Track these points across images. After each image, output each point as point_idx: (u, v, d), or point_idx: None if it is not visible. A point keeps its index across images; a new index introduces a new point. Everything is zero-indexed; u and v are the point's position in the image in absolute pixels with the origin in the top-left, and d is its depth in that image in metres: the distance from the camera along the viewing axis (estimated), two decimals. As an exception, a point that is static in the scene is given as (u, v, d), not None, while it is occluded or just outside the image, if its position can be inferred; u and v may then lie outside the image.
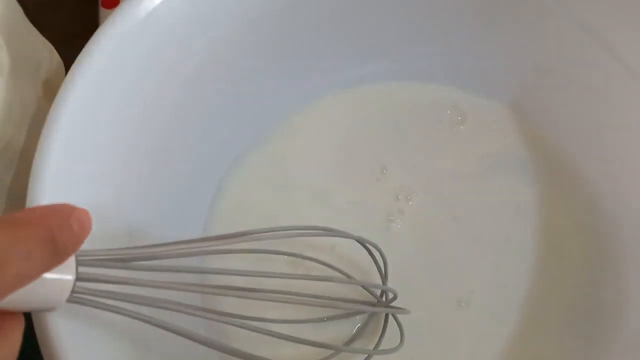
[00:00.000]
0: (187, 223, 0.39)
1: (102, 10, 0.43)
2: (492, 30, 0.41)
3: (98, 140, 0.32)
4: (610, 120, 0.40)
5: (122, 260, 0.25)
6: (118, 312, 0.25)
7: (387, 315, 0.36)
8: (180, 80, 0.36)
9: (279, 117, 0.43)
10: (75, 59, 0.31)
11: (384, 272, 0.36)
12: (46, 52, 0.36)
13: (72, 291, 0.23)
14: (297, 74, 0.42)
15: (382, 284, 0.36)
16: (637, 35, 0.37)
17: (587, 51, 0.39)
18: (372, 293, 0.36)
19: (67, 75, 0.30)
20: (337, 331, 0.37)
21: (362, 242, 0.35)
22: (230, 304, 0.34)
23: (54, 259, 0.20)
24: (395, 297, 0.35)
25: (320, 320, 0.36)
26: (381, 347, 0.35)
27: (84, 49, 0.31)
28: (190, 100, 0.37)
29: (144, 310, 0.26)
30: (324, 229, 0.33)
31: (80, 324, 0.27)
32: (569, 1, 0.38)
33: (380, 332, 0.35)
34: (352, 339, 0.36)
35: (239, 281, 0.32)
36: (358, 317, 0.37)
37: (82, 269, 0.23)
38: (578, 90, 0.41)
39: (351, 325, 0.37)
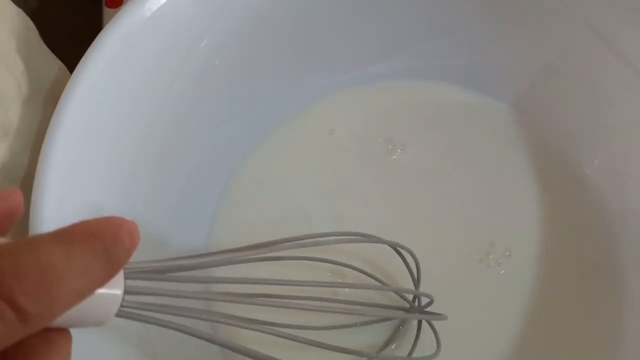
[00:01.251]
0: (192, 225, 0.39)
1: (106, 10, 0.43)
2: (498, 31, 0.41)
3: (101, 144, 0.31)
4: (615, 122, 0.39)
5: (165, 271, 0.24)
6: (164, 326, 0.24)
7: (420, 321, 0.35)
8: (185, 80, 0.35)
9: (283, 115, 0.42)
10: (78, 56, 0.31)
11: (416, 277, 0.35)
12: (58, 71, 0.35)
13: (121, 305, 0.22)
14: (301, 73, 0.41)
15: (414, 286, 0.36)
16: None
17: (594, 52, 0.38)
18: (404, 299, 0.35)
19: (71, 78, 0.30)
20: (369, 338, 0.36)
21: (395, 247, 0.34)
22: (258, 310, 0.34)
23: (109, 274, 0.20)
24: (431, 302, 0.34)
25: (353, 325, 0.36)
26: (416, 355, 0.34)
27: (87, 52, 0.30)
28: (196, 100, 0.36)
29: (184, 322, 0.25)
30: (360, 234, 0.33)
31: (87, 331, 0.27)
32: (576, 2, 0.38)
33: (414, 339, 0.35)
34: (385, 346, 0.36)
35: (267, 288, 0.31)
36: (391, 323, 0.36)
37: (129, 282, 0.22)
38: (583, 91, 0.40)
39: (384, 332, 0.36)
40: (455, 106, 0.43)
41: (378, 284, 0.35)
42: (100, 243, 0.19)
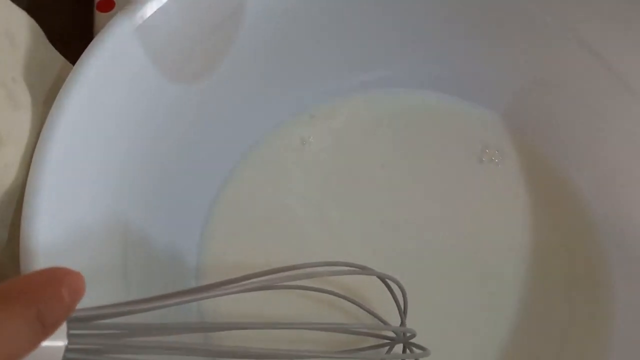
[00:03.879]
0: (183, 237, 0.39)
1: (97, 14, 0.42)
2: (489, 42, 0.41)
3: (95, 149, 0.31)
4: (603, 134, 0.39)
5: (116, 315, 0.24)
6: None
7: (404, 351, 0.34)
8: (178, 87, 0.35)
9: (275, 125, 0.42)
10: (71, 60, 0.31)
11: (403, 308, 0.34)
12: (60, 70, 0.35)
13: (64, 357, 0.21)
14: (293, 82, 0.41)
15: (400, 317, 0.34)
16: (633, 51, 0.36)
17: (583, 65, 0.38)
18: (386, 336, 0.34)
19: (62, 88, 0.30)
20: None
21: (383, 278, 0.33)
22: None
23: (42, 336, 0.19)
24: (413, 336, 0.33)
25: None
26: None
27: (77, 63, 0.30)
28: (187, 107, 0.36)
29: None
30: (349, 264, 0.32)
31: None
32: (566, 16, 0.37)
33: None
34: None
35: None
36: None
37: (73, 331, 0.22)
38: (572, 103, 0.40)
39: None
40: (446, 114, 0.43)
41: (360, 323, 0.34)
42: (32, 305, 0.18)
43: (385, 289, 0.34)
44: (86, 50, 0.31)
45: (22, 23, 0.31)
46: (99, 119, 0.31)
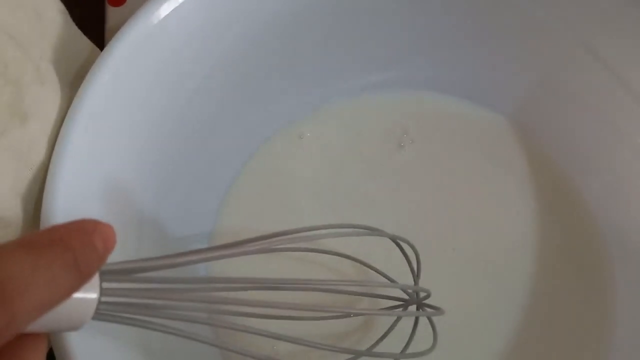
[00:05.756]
0: (198, 214, 0.39)
1: (109, 8, 0.41)
2: (496, 45, 0.41)
3: (114, 139, 0.32)
4: (609, 140, 0.39)
5: (147, 270, 0.24)
6: (142, 326, 0.23)
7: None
8: (191, 86, 0.35)
9: (284, 123, 0.42)
10: None
11: (416, 270, 0.34)
12: (90, 53, 0.34)
13: (97, 309, 0.21)
14: (304, 82, 0.41)
15: (413, 281, 0.35)
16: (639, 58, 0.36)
17: (590, 71, 0.38)
18: (405, 292, 0.34)
19: (82, 84, 0.30)
20: (362, 329, 0.36)
21: (395, 239, 0.33)
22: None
23: (78, 282, 0.19)
24: (428, 296, 0.33)
25: (346, 316, 0.35)
26: (410, 350, 0.33)
27: (97, 60, 0.30)
28: (200, 105, 0.36)
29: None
30: (360, 226, 0.32)
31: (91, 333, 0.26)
32: (573, 22, 0.37)
33: (410, 332, 0.34)
34: (379, 340, 0.35)
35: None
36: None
37: (105, 285, 0.22)
38: (578, 108, 0.40)
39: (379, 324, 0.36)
40: (452, 117, 0.43)
41: (382, 278, 0.34)
42: (68, 251, 0.18)
43: (392, 257, 0.34)
44: (104, 51, 0.31)
45: (50, 4, 0.31)
46: (123, 104, 0.32)
